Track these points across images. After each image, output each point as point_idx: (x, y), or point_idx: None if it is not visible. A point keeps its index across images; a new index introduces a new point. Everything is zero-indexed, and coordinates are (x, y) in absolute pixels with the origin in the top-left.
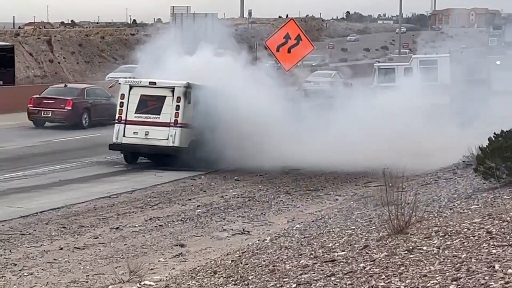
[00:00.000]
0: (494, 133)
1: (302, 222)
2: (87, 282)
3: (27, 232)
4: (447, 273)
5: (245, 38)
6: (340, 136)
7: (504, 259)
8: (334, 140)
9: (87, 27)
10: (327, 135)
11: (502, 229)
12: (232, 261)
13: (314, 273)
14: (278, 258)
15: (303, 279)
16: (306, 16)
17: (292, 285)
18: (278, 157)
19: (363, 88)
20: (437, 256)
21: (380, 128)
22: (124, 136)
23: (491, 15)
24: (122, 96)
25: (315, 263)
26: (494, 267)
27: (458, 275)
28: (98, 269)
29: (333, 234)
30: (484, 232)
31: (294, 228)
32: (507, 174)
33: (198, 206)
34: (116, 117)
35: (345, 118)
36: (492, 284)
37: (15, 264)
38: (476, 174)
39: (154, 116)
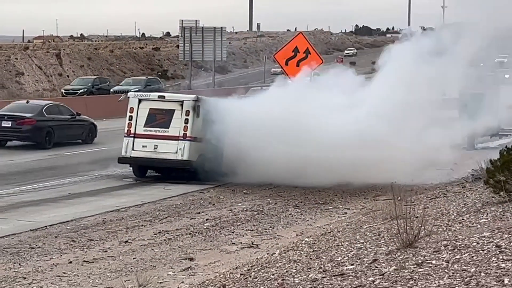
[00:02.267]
0: (505, 147)
1: (311, 236)
2: None
3: (36, 245)
4: (456, 287)
5: (254, 51)
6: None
7: None
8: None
9: (96, 41)
10: None
11: (511, 243)
12: (241, 274)
13: (323, 287)
14: (287, 271)
15: None
16: (315, 29)
17: None
18: (289, 170)
19: None
20: (446, 270)
21: None
22: (133, 149)
23: None
24: (131, 110)
25: (324, 277)
26: (503, 281)
27: None
28: (107, 283)
29: (342, 248)
30: (494, 246)
31: (303, 241)
32: None
33: (207, 219)
34: (125, 131)
35: None
36: None
37: (25, 278)
38: (486, 187)
39: (163, 129)
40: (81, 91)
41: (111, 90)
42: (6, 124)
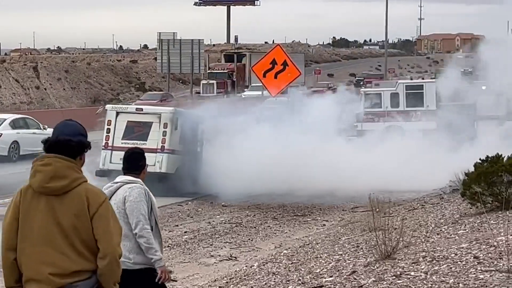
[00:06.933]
0: (480, 158)
1: (289, 248)
2: None
3: None
4: None
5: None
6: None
7: (491, 284)
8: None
9: (73, 53)
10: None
11: (489, 254)
12: (219, 287)
13: None
14: (265, 284)
15: None
16: (292, 41)
17: None
18: (266, 182)
19: None
20: (424, 282)
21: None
22: (110, 162)
23: (477, 40)
24: (109, 122)
25: None
26: None
27: None
28: None
29: (320, 260)
30: (472, 257)
31: (282, 253)
32: (493, 199)
33: (185, 232)
34: (103, 143)
35: None
36: None
37: None
38: (463, 199)
39: (141, 142)
40: None
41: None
42: None
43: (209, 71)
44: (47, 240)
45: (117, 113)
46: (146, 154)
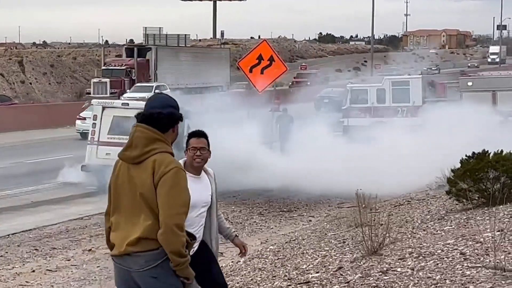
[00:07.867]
0: (466, 155)
1: (275, 244)
2: None
3: None
4: None
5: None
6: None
7: (478, 281)
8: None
9: (59, 48)
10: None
11: (476, 250)
12: None
13: None
14: (252, 279)
15: None
16: (279, 37)
17: None
18: (251, 178)
19: None
20: (411, 278)
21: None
22: (96, 157)
23: (462, 36)
24: (95, 117)
25: (289, 285)
26: None
27: None
28: None
29: (307, 256)
30: (458, 253)
31: (268, 249)
32: (479, 196)
33: None
34: (89, 138)
35: None
36: None
37: None
38: (449, 196)
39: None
40: None
41: None
42: None
43: (103, 67)
44: (123, 207)
45: (103, 108)
46: None
